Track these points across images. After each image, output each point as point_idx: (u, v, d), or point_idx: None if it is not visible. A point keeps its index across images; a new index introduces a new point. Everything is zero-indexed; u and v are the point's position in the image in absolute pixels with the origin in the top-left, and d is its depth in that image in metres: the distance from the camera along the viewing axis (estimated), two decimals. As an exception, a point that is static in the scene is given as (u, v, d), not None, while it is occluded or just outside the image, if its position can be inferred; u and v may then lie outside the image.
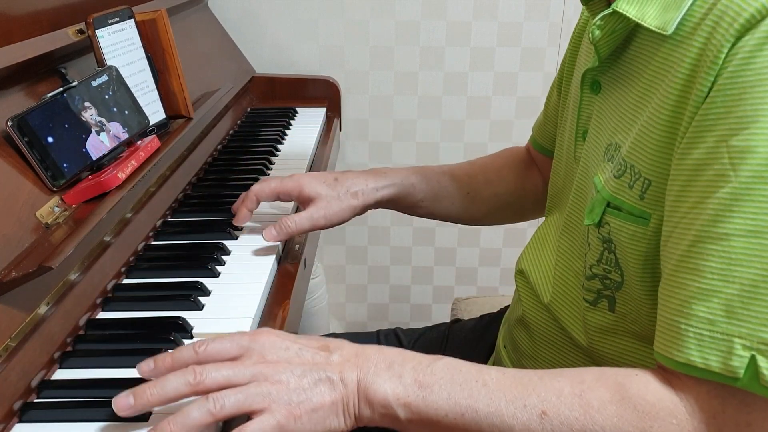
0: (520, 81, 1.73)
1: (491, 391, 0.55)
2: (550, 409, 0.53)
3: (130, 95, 0.93)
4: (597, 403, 0.53)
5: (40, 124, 0.76)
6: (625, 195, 0.60)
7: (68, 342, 0.69)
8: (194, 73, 1.25)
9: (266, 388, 0.55)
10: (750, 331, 0.49)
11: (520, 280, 0.83)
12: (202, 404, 0.54)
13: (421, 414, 0.56)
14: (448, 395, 0.55)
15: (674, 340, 0.52)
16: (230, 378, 0.56)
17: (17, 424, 0.60)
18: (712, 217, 0.51)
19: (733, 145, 0.50)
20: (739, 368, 0.49)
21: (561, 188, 0.80)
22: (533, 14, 1.67)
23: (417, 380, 0.56)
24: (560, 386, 0.54)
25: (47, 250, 0.67)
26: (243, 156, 1.25)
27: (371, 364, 0.58)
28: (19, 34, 0.82)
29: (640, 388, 0.53)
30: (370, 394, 0.56)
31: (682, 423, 0.51)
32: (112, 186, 0.79)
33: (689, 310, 0.51)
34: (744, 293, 0.49)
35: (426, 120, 1.76)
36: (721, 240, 0.50)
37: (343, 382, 0.57)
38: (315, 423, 0.55)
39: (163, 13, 1.05)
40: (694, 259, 0.52)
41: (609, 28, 0.62)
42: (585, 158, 0.71)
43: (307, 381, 0.56)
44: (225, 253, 0.88)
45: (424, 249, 1.89)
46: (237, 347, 0.58)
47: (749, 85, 0.49)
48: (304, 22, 1.68)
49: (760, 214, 0.49)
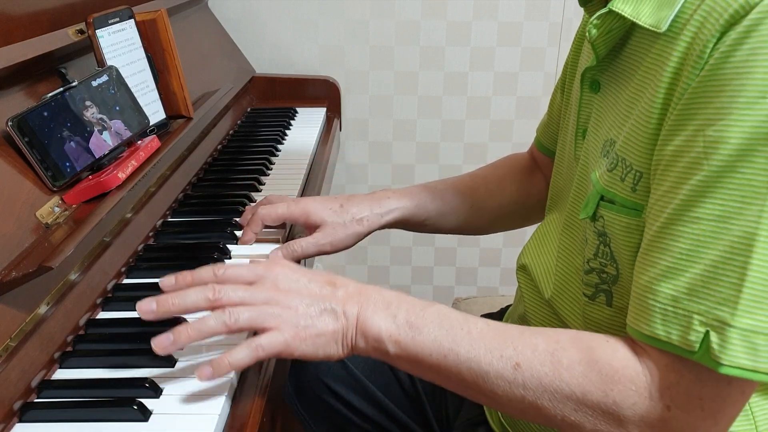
0: (520, 81, 1.73)
1: (473, 338, 0.60)
2: (524, 362, 0.58)
3: (130, 95, 0.93)
4: (567, 361, 0.57)
5: (41, 124, 0.76)
6: (618, 188, 0.62)
7: (68, 342, 0.70)
8: (194, 73, 1.25)
9: (278, 310, 0.62)
10: (708, 309, 0.52)
11: (522, 275, 0.83)
12: (219, 315, 0.61)
13: (408, 351, 0.61)
14: (434, 337, 0.61)
15: (642, 315, 0.56)
16: (245, 298, 0.62)
17: (17, 424, 0.60)
18: (684, 201, 0.53)
19: (708, 135, 0.52)
20: (695, 342, 0.52)
21: (562, 187, 0.81)
22: (533, 14, 1.67)
23: (409, 321, 0.62)
24: (536, 342, 0.59)
25: (47, 250, 0.67)
26: (243, 156, 1.25)
27: (371, 302, 0.63)
28: (19, 34, 0.82)
29: (607, 353, 0.57)
30: (366, 329, 0.62)
31: (640, 390, 0.55)
32: (112, 186, 0.79)
33: (657, 287, 0.55)
34: (706, 274, 0.52)
35: (426, 120, 1.76)
36: (691, 223, 0.53)
37: (344, 315, 0.63)
38: (317, 347, 0.62)
39: (163, 13, 1.05)
40: (665, 240, 0.55)
41: (606, 27, 0.63)
42: (584, 157, 0.72)
43: (313, 310, 0.63)
44: (225, 253, 0.88)
45: (424, 249, 1.90)
46: (253, 274, 0.65)
47: (727, 78, 0.51)
48: (304, 22, 1.68)
49: (728, 200, 0.51)
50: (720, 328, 0.51)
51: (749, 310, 0.51)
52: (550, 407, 0.57)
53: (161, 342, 0.61)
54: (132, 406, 0.60)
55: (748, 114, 0.50)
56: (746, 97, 0.50)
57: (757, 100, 0.50)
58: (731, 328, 0.51)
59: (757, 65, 0.50)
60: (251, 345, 0.61)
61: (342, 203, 0.91)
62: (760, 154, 0.50)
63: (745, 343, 0.51)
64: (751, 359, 0.51)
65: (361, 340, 0.63)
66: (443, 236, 1.87)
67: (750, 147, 0.50)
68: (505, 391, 0.58)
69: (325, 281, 0.66)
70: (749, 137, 0.50)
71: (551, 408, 0.57)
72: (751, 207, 0.50)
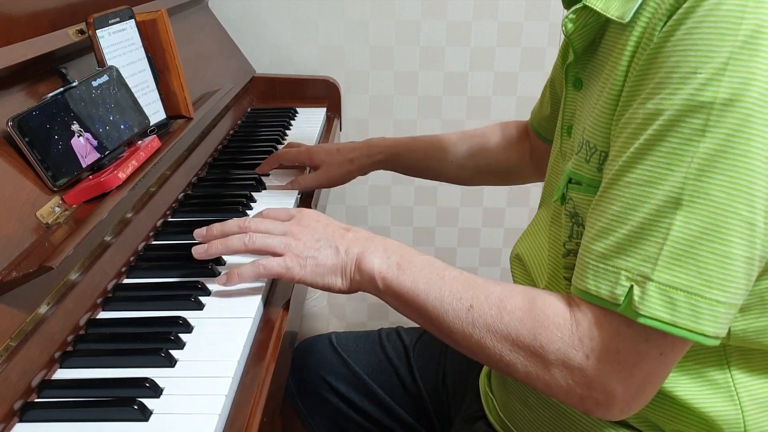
0: (520, 81, 1.73)
1: (444, 283, 0.68)
2: (476, 305, 0.65)
3: (131, 95, 0.93)
4: (510, 307, 0.63)
5: (41, 124, 0.76)
6: (584, 169, 0.66)
7: (69, 342, 0.70)
8: (194, 73, 1.25)
9: (288, 240, 0.75)
10: (633, 266, 0.56)
11: (517, 264, 0.85)
12: (241, 236, 0.76)
13: (392, 287, 0.70)
14: (413, 279, 0.69)
15: (579, 271, 0.61)
16: (269, 228, 0.77)
17: (18, 423, 0.60)
18: (620, 167, 0.58)
19: (647, 108, 0.57)
20: (621, 296, 0.57)
21: (552, 182, 0.82)
22: (533, 14, 1.67)
23: (398, 263, 0.71)
24: (492, 290, 0.66)
25: (47, 250, 0.67)
26: (243, 156, 1.25)
27: (373, 246, 0.73)
28: (19, 34, 0.82)
29: (545, 303, 0.63)
30: (363, 265, 0.72)
31: (565, 337, 0.60)
32: (113, 186, 0.80)
33: (592, 246, 0.60)
34: (633, 233, 0.57)
35: (426, 120, 1.76)
36: (624, 187, 0.58)
37: (346, 253, 0.74)
38: (315, 275, 0.74)
39: (163, 13, 1.05)
40: (603, 203, 0.60)
41: (581, 22, 0.67)
42: (570, 152, 0.74)
43: (320, 244, 0.75)
44: (225, 253, 0.88)
45: (423, 249, 1.89)
46: (286, 214, 0.80)
47: (666, 56, 0.56)
48: (304, 22, 1.68)
49: (656, 166, 0.56)
50: (642, 282, 0.56)
51: (668, 267, 0.55)
52: (491, 346, 0.64)
53: (197, 249, 0.78)
54: (132, 406, 0.60)
55: (681, 88, 0.54)
56: (680, 72, 0.55)
57: (689, 75, 0.54)
58: (651, 282, 0.55)
59: (692, 43, 0.54)
60: (255, 263, 0.75)
61: (338, 148, 1.12)
62: (686, 125, 0.54)
63: (662, 297, 0.55)
64: (669, 313, 0.55)
65: (357, 274, 0.73)
66: (443, 236, 1.87)
67: (678, 118, 0.54)
68: (459, 329, 0.66)
69: (341, 226, 0.77)
70: (679, 109, 0.54)
71: (492, 347, 0.64)
72: (675, 173, 0.55)
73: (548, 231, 0.77)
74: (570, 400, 0.61)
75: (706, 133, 0.53)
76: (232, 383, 0.65)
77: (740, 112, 0.53)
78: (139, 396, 0.61)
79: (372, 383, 1.00)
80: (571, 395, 0.61)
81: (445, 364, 1.01)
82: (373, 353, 1.04)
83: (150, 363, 0.66)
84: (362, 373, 1.00)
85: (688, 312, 0.55)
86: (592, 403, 0.60)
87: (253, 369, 0.69)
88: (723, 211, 0.54)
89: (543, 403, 0.76)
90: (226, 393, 0.63)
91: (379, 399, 1.00)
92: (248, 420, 0.62)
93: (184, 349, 0.69)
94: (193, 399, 0.62)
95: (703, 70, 0.53)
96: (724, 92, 0.53)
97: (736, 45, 0.53)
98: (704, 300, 0.55)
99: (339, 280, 0.74)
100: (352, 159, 1.10)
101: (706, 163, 0.53)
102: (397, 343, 1.06)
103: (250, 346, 0.72)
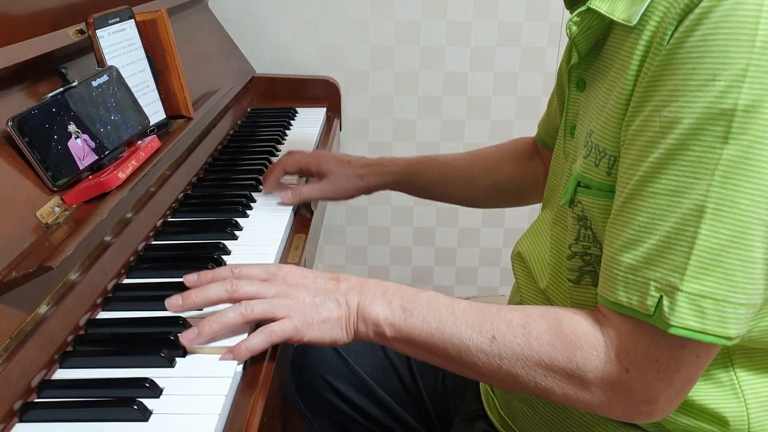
0: (520, 81, 1.73)
1: (457, 318, 0.66)
2: (499, 335, 0.64)
3: (131, 95, 0.93)
4: (536, 333, 0.63)
5: (41, 124, 0.76)
6: (593, 173, 0.66)
7: (68, 342, 0.70)
8: (194, 73, 1.25)
9: (288, 301, 0.70)
10: (662, 276, 0.57)
11: (518, 263, 0.85)
12: (237, 308, 0.69)
13: (402, 332, 0.68)
14: (423, 319, 0.67)
15: (608, 283, 0.61)
16: (259, 291, 0.71)
17: (17, 423, 0.60)
18: (642, 177, 0.58)
19: (664, 115, 0.56)
20: (651, 307, 0.57)
21: (555, 184, 0.83)
22: (533, 14, 1.67)
23: (402, 306, 0.69)
24: (511, 317, 0.65)
25: (47, 250, 0.67)
26: (243, 156, 1.25)
27: (370, 292, 0.71)
28: (19, 34, 0.82)
29: (572, 323, 0.62)
30: (366, 315, 0.70)
31: (601, 355, 0.60)
32: (113, 186, 0.79)
33: (620, 257, 0.60)
34: (661, 244, 0.57)
35: (426, 120, 1.76)
36: (648, 197, 0.58)
37: (347, 303, 0.70)
38: (323, 331, 0.70)
39: (163, 13, 1.05)
40: (626, 213, 0.60)
41: (585, 25, 0.66)
42: (573, 153, 0.74)
43: (319, 300, 0.71)
44: (225, 253, 0.88)
45: (424, 249, 1.90)
46: (265, 272, 0.74)
47: (681, 62, 0.55)
48: (304, 22, 1.68)
49: (681, 176, 0.56)
50: (671, 292, 0.56)
51: (696, 276, 0.55)
52: (524, 374, 0.63)
53: (188, 335, 0.68)
54: (132, 406, 0.60)
55: (699, 95, 0.54)
56: (697, 79, 0.54)
57: (707, 83, 0.54)
58: (680, 292, 0.56)
59: (708, 50, 0.54)
60: (264, 331, 0.68)
61: (350, 160, 1.07)
62: (708, 133, 0.54)
63: (692, 306, 0.56)
64: (698, 321, 0.56)
65: (362, 324, 0.70)
66: (443, 236, 1.87)
67: (700, 126, 0.54)
68: (485, 363, 0.65)
69: (329, 277, 0.73)
70: (699, 117, 0.54)
71: (525, 375, 0.63)
72: (700, 182, 0.55)
73: (551, 232, 0.77)
74: (612, 412, 0.62)
75: (729, 140, 0.53)
76: (232, 383, 0.65)
77: (762, 119, 0.53)
78: (139, 396, 0.61)
79: (372, 383, 1.00)
80: (614, 409, 0.61)
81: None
82: (374, 353, 1.04)
83: (150, 363, 0.66)
84: (362, 373, 1.01)
85: (716, 318, 0.55)
86: (636, 413, 0.61)
87: (252, 369, 0.69)
88: (747, 218, 0.54)
89: (545, 402, 0.76)
90: (226, 393, 0.63)
91: (379, 399, 1.00)
92: (248, 420, 0.62)
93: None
94: (193, 399, 0.62)
95: (721, 77, 0.53)
96: (745, 99, 0.53)
97: (754, 50, 0.52)
98: (730, 305, 0.55)
99: (344, 333, 0.71)
100: (362, 175, 1.06)
101: (730, 170, 0.54)
102: None
103: (250, 346, 0.71)
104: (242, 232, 0.94)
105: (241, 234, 0.94)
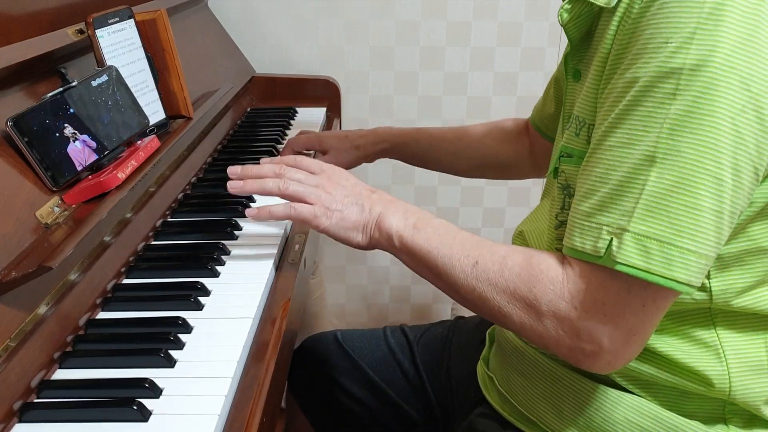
0: (520, 81, 1.73)
1: (455, 242, 0.73)
2: (481, 261, 0.70)
3: (130, 95, 0.93)
4: (511, 263, 0.68)
5: (40, 123, 0.76)
6: (574, 143, 0.71)
7: (68, 342, 0.69)
8: (194, 73, 1.25)
9: (320, 192, 0.80)
10: (613, 221, 0.61)
11: (519, 241, 0.88)
12: (276, 181, 0.81)
13: (407, 245, 0.75)
14: (427, 238, 0.74)
15: (568, 231, 0.66)
16: (302, 179, 0.82)
17: (17, 424, 0.60)
18: (603, 133, 0.63)
19: (625, 77, 0.62)
20: (602, 248, 0.62)
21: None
22: (533, 14, 1.67)
23: (415, 224, 0.76)
24: (496, 249, 0.71)
25: (47, 250, 0.67)
26: (243, 156, 1.25)
27: (393, 207, 0.79)
28: (19, 34, 0.82)
29: (540, 260, 0.67)
30: (382, 224, 0.77)
31: (556, 290, 0.65)
32: (112, 186, 0.79)
33: (578, 206, 0.65)
34: (613, 191, 0.62)
35: (426, 120, 1.76)
36: (606, 150, 0.63)
37: (370, 211, 0.79)
38: (338, 227, 0.79)
39: (163, 13, 1.05)
40: (588, 167, 0.65)
41: (575, 12, 0.71)
42: None
43: (348, 201, 0.80)
44: (225, 253, 0.88)
45: (424, 249, 1.89)
46: (318, 166, 0.84)
47: (642, 29, 0.61)
48: (304, 22, 1.67)
49: (633, 129, 0.61)
50: (619, 234, 0.61)
51: (643, 218, 0.60)
52: (491, 299, 0.69)
53: (233, 185, 0.82)
54: (132, 406, 0.60)
55: (654, 57, 0.60)
56: (654, 43, 0.60)
57: (661, 45, 0.59)
58: (627, 233, 0.60)
59: (664, 16, 0.60)
60: (288, 204, 0.80)
61: (347, 134, 1.18)
62: (659, 90, 0.59)
63: (638, 246, 0.60)
64: (644, 260, 0.60)
65: (377, 232, 0.78)
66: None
67: (652, 84, 0.60)
68: (463, 283, 0.71)
69: (367, 187, 0.82)
70: (652, 75, 0.60)
71: (491, 299, 0.69)
72: (650, 134, 0.60)
73: (548, 219, 0.79)
74: (560, 350, 0.66)
75: (677, 96, 0.59)
76: (232, 383, 0.65)
77: (706, 76, 0.58)
78: (139, 396, 0.61)
79: (376, 377, 1.01)
80: (561, 345, 0.65)
81: (449, 359, 1.02)
82: (378, 348, 1.05)
83: (149, 363, 0.66)
84: (366, 368, 1.02)
85: (660, 259, 0.59)
86: (581, 354, 0.65)
87: (252, 369, 0.69)
88: (692, 167, 0.58)
89: (539, 373, 0.79)
90: (226, 393, 0.63)
91: (383, 393, 1.00)
92: (248, 420, 0.62)
93: (184, 349, 0.69)
94: (193, 399, 0.62)
95: (673, 39, 0.59)
96: (692, 59, 0.58)
97: (702, 16, 0.58)
98: (675, 248, 0.59)
99: (359, 236, 0.79)
100: (359, 146, 1.16)
101: (677, 123, 0.58)
102: (402, 338, 1.07)
103: (249, 346, 0.71)
104: (242, 232, 0.94)
105: (241, 234, 0.94)
